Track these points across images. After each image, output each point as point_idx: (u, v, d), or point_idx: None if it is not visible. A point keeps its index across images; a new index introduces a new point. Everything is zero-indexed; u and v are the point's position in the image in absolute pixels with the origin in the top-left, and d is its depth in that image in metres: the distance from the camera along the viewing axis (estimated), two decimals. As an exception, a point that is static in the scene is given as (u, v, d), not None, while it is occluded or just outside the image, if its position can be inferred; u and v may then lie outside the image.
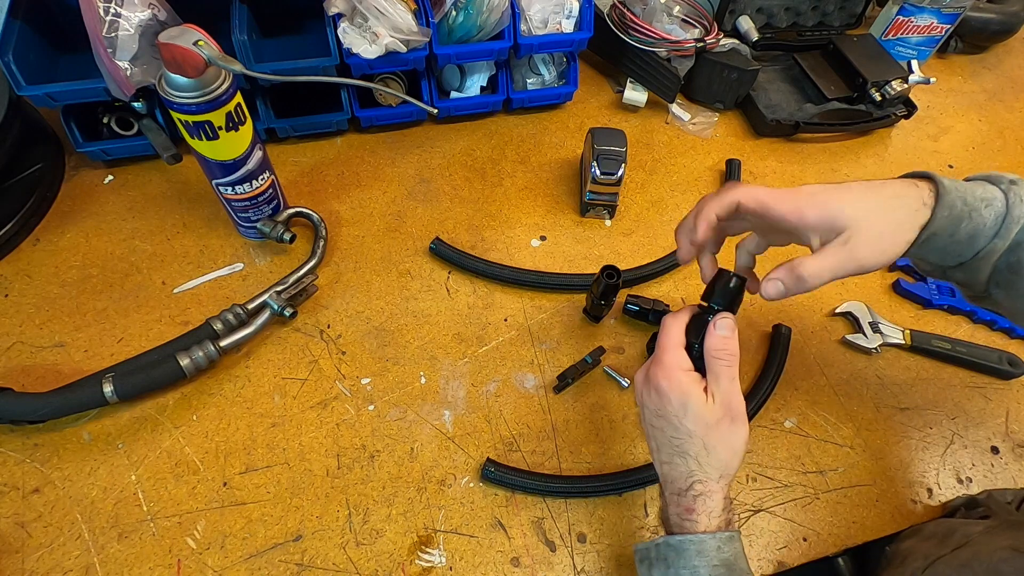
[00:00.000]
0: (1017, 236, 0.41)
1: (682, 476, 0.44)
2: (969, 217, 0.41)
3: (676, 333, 0.46)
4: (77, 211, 0.72)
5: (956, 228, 0.42)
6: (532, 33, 0.79)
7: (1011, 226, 0.41)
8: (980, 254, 0.42)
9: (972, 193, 0.42)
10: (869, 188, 0.42)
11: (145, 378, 0.57)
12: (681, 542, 0.42)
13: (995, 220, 0.41)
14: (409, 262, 0.71)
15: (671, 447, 0.44)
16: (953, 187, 0.42)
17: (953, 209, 0.41)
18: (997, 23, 1.05)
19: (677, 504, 0.44)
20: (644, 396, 0.46)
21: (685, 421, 0.43)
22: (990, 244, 0.42)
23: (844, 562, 0.62)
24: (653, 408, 0.45)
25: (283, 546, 0.52)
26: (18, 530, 0.51)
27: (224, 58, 0.51)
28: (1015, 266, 0.42)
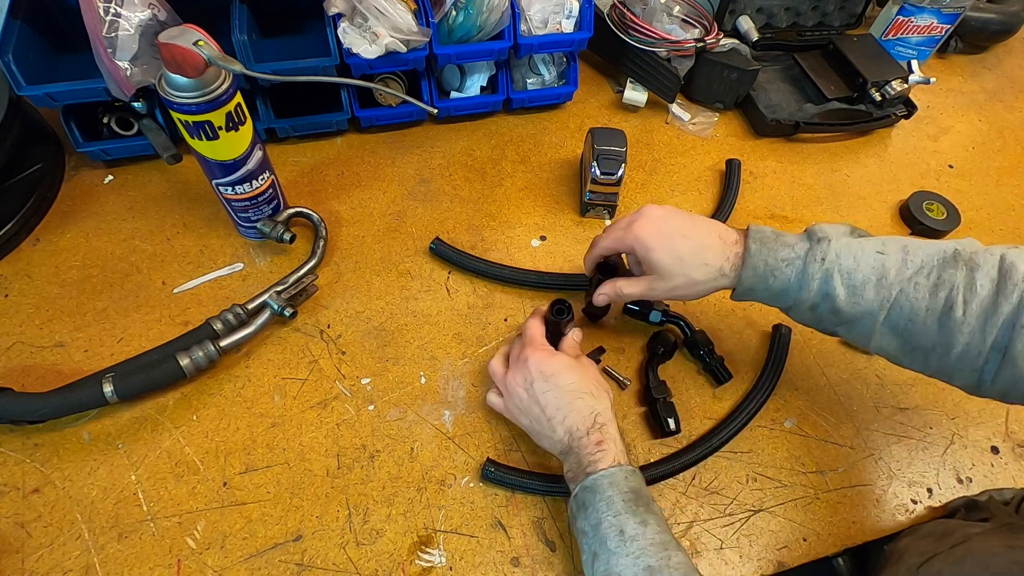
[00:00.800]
0: (820, 288, 0.48)
1: (587, 415, 0.51)
2: (772, 276, 0.50)
3: (537, 328, 0.57)
4: (77, 211, 0.72)
5: (766, 284, 0.50)
6: (532, 33, 0.79)
7: (809, 281, 0.49)
8: (794, 304, 0.50)
9: (775, 255, 0.50)
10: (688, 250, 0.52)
11: (145, 378, 0.57)
12: (594, 480, 0.47)
13: (796, 277, 0.49)
14: (409, 262, 0.71)
15: (568, 396, 0.51)
16: (759, 251, 0.50)
17: (756, 270, 0.50)
18: (997, 23, 1.05)
19: (587, 445, 0.49)
20: (526, 376, 0.52)
21: (570, 372, 0.52)
22: (798, 295, 0.50)
23: (844, 562, 0.62)
24: (538, 376, 0.52)
25: (283, 546, 0.52)
26: (18, 530, 0.51)
27: (224, 58, 0.51)
28: (833, 310, 0.49)
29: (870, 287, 0.47)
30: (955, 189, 0.86)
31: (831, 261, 0.48)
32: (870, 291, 0.47)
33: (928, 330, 0.46)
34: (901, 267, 0.47)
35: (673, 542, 0.45)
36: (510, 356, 0.57)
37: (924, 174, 0.89)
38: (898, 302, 0.47)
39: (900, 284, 0.47)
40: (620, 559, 0.44)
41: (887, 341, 0.49)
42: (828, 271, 0.48)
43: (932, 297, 0.46)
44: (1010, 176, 0.90)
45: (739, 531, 0.56)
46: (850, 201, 0.84)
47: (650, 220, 0.53)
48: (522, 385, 0.53)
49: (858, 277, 0.48)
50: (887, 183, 0.87)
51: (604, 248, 0.57)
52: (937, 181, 0.87)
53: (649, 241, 0.52)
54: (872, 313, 0.48)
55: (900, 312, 0.47)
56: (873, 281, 0.47)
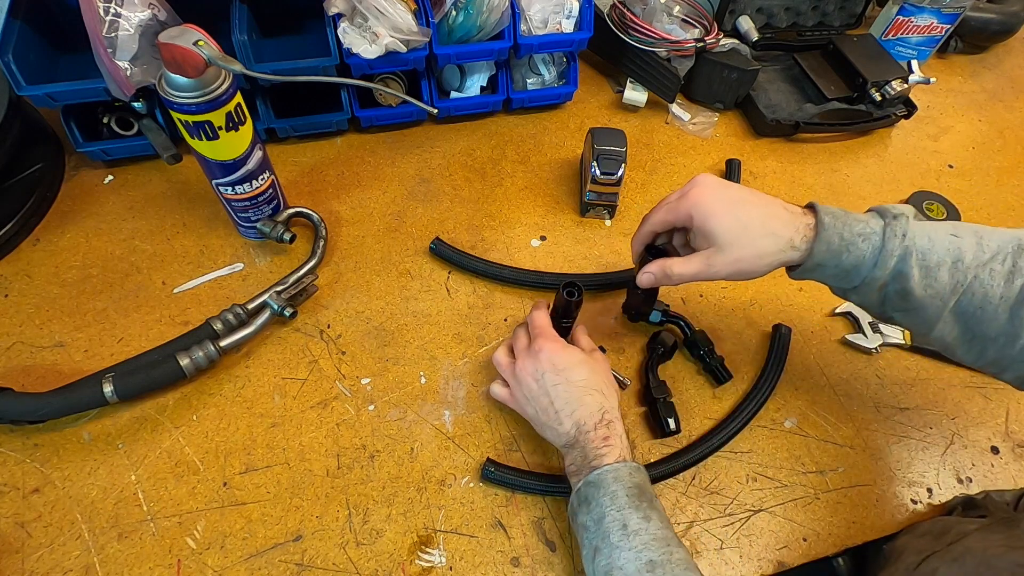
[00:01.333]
0: (896, 267, 0.46)
1: (595, 410, 0.50)
2: (847, 251, 0.46)
3: (546, 318, 0.57)
4: (77, 211, 0.72)
5: (838, 259, 0.47)
6: (532, 33, 0.79)
7: (887, 258, 0.46)
8: (864, 282, 0.47)
9: (851, 229, 0.46)
10: (750, 216, 0.48)
11: (145, 378, 0.57)
12: (598, 475, 0.47)
13: (872, 253, 0.46)
14: (409, 262, 0.71)
15: (579, 391, 0.51)
16: (832, 224, 0.47)
17: (831, 244, 0.46)
18: (997, 23, 1.05)
19: (594, 439, 0.49)
20: (538, 367, 0.52)
21: (583, 366, 0.52)
22: (871, 274, 0.46)
23: (844, 562, 0.62)
24: (550, 369, 0.52)
25: (283, 546, 0.52)
26: (18, 530, 0.51)
27: (224, 58, 0.51)
28: (902, 292, 0.46)
29: (944, 270, 0.45)
30: (955, 189, 0.86)
31: (909, 239, 0.45)
32: (944, 274, 0.45)
33: (997, 319, 0.44)
34: (977, 251, 0.45)
35: (675, 538, 0.45)
36: (515, 347, 0.57)
37: (924, 174, 0.89)
38: (971, 288, 0.45)
39: (975, 269, 0.45)
40: (623, 553, 0.44)
41: (949, 329, 0.47)
42: (907, 249, 0.45)
43: (1007, 284, 0.44)
44: (1010, 176, 0.90)
45: (739, 531, 0.56)
46: (850, 201, 0.84)
47: (708, 187, 0.49)
48: (532, 375, 0.53)
49: (933, 259, 0.45)
50: (887, 183, 0.87)
51: (656, 223, 0.52)
52: (937, 181, 0.87)
53: (709, 206, 0.48)
54: (943, 298, 0.45)
55: (972, 299, 0.45)
56: (948, 264, 0.45)
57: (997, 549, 0.44)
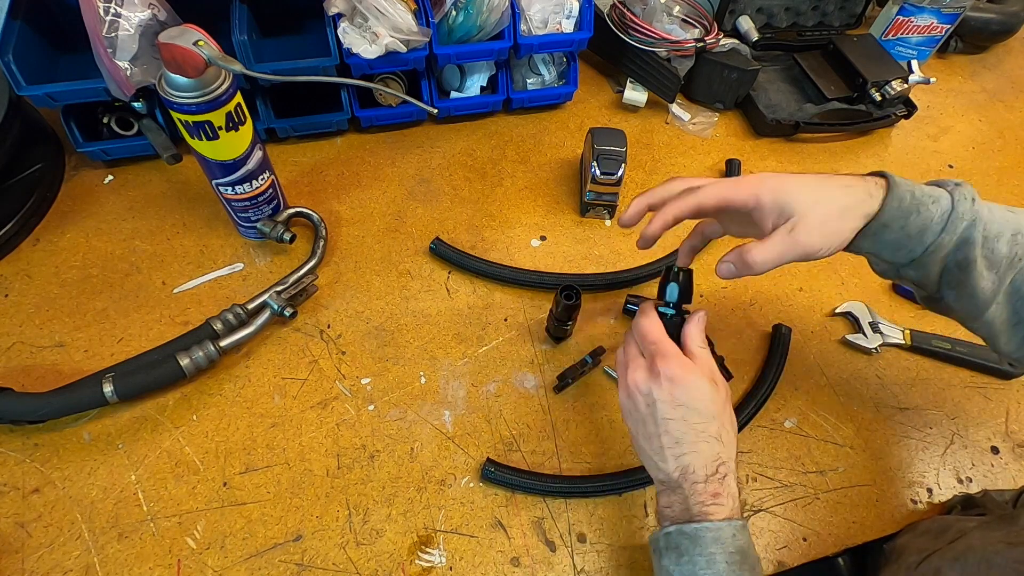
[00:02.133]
0: (964, 232, 0.43)
1: (710, 461, 0.44)
2: (917, 211, 0.43)
3: (659, 327, 0.48)
4: (77, 211, 0.72)
5: (906, 221, 0.43)
6: (532, 33, 0.79)
7: (956, 222, 0.43)
8: (930, 249, 0.44)
9: (921, 189, 0.44)
10: (821, 179, 0.45)
11: (145, 378, 0.57)
12: (697, 530, 0.42)
13: (942, 216, 0.43)
14: (409, 262, 0.71)
15: (695, 434, 0.44)
16: (903, 182, 0.44)
17: (903, 201, 0.43)
18: (997, 23, 1.05)
19: (701, 493, 0.43)
20: (653, 391, 0.45)
21: (708, 404, 0.45)
22: (938, 239, 0.43)
23: (844, 562, 0.62)
24: (667, 400, 0.45)
25: (283, 546, 0.52)
26: (18, 530, 0.51)
27: (224, 58, 0.51)
28: (964, 264, 0.44)
29: (1004, 241, 0.43)
30: (955, 189, 0.86)
31: (978, 205, 0.43)
32: (1003, 246, 0.43)
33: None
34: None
35: None
36: (628, 348, 0.49)
37: (924, 174, 0.88)
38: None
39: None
40: None
41: (1000, 311, 0.45)
42: (977, 213, 0.43)
43: None
44: (1010, 176, 0.90)
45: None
46: (850, 201, 0.84)
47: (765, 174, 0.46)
48: (643, 398, 0.46)
49: (993, 228, 0.43)
50: (887, 183, 0.86)
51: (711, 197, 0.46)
52: (937, 181, 0.87)
53: (777, 181, 0.44)
54: (1000, 272, 0.44)
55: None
56: (1007, 235, 0.43)
57: (997, 546, 0.44)
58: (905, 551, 0.52)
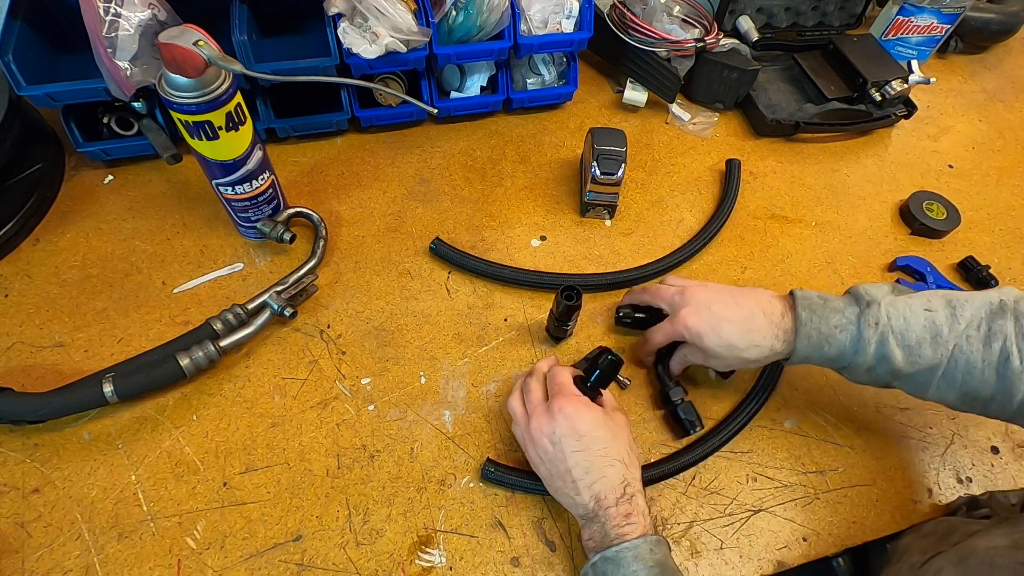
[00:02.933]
0: (878, 351, 0.50)
1: (617, 484, 0.48)
2: (827, 343, 0.51)
3: (567, 375, 0.54)
4: (77, 211, 0.72)
5: (820, 351, 0.52)
6: (532, 33, 0.79)
7: (865, 346, 0.50)
8: (849, 366, 0.51)
9: (827, 323, 0.51)
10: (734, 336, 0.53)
11: (145, 378, 0.57)
12: (617, 552, 0.45)
13: (851, 342, 0.50)
14: (409, 262, 0.71)
15: (601, 461, 0.48)
16: (809, 320, 0.51)
17: (810, 339, 0.51)
18: (997, 23, 1.05)
19: (615, 516, 0.46)
20: (556, 429, 0.49)
21: (604, 429, 0.49)
22: (854, 360, 0.51)
23: (844, 562, 0.62)
24: (569, 434, 0.49)
25: (283, 546, 0.52)
26: (18, 530, 0.51)
27: (224, 58, 0.51)
28: (891, 372, 0.50)
29: (926, 346, 0.49)
30: (955, 189, 0.86)
31: (884, 324, 0.49)
32: (927, 349, 0.49)
33: (986, 381, 0.47)
34: (952, 323, 0.49)
35: None
36: (527, 399, 0.53)
37: (924, 174, 0.89)
38: (954, 357, 0.48)
39: (954, 339, 0.48)
40: None
41: (945, 393, 0.50)
42: (883, 335, 0.49)
43: (986, 349, 0.47)
44: (1010, 176, 0.90)
45: (739, 531, 0.56)
46: (850, 201, 0.84)
47: (695, 308, 0.55)
48: (548, 437, 0.49)
49: (912, 337, 0.49)
50: (887, 183, 0.87)
51: (658, 343, 0.59)
52: (937, 181, 0.88)
53: (697, 330, 0.54)
54: (930, 369, 0.49)
55: (956, 366, 0.48)
56: (928, 340, 0.49)
57: (1001, 549, 0.44)
58: (909, 551, 0.52)
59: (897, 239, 0.80)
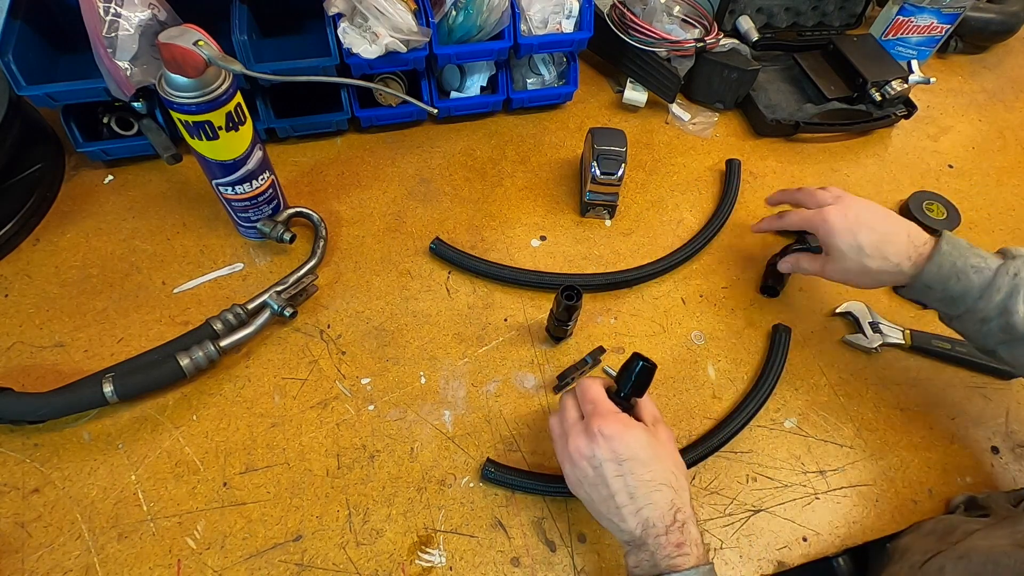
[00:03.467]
0: (1002, 302, 0.49)
1: (666, 510, 0.44)
2: (956, 278, 0.50)
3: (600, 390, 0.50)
4: (77, 211, 0.72)
5: (945, 285, 0.51)
6: (532, 33, 0.79)
7: (992, 293, 0.49)
8: (969, 311, 0.51)
9: (965, 260, 0.51)
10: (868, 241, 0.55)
11: (145, 378, 0.57)
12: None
13: (981, 285, 0.50)
14: (409, 262, 0.71)
15: (647, 486, 0.45)
16: (949, 251, 0.51)
17: (941, 268, 0.51)
18: (997, 23, 1.05)
19: (665, 545, 0.43)
20: (596, 452, 0.45)
21: (648, 450, 0.45)
22: (975, 304, 0.50)
23: (844, 562, 0.62)
24: (610, 458, 0.45)
25: (283, 546, 0.52)
26: (18, 530, 0.51)
27: (224, 58, 0.51)
28: (1007, 328, 0.49)
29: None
30: (955, 189, 0.86)
31: (1021, 278, 0.49)
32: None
33: None
34: None
35: None
36: (564, 419, 0.50)
37: (924, 174, 0.89)
38: None
39: None
40: None
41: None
42: (1016, 287, 0.49)
43: None
44: (1010, 176, 0.90)
45: (739, 531, 0.56)
46: (850, 201, 0.84)
47: (842, 209, 0.56)
48: (588, 460, 0.46)
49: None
50: (887, 183, 0.87)
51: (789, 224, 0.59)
52: (937, 181, 0.88)
53: (834, 225, 0.55)
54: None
55: None
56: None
57: (1004, 546, 0.45)
58: (909, 550, 0.52)
59: (897, 239, 0.80)
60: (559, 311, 0.60)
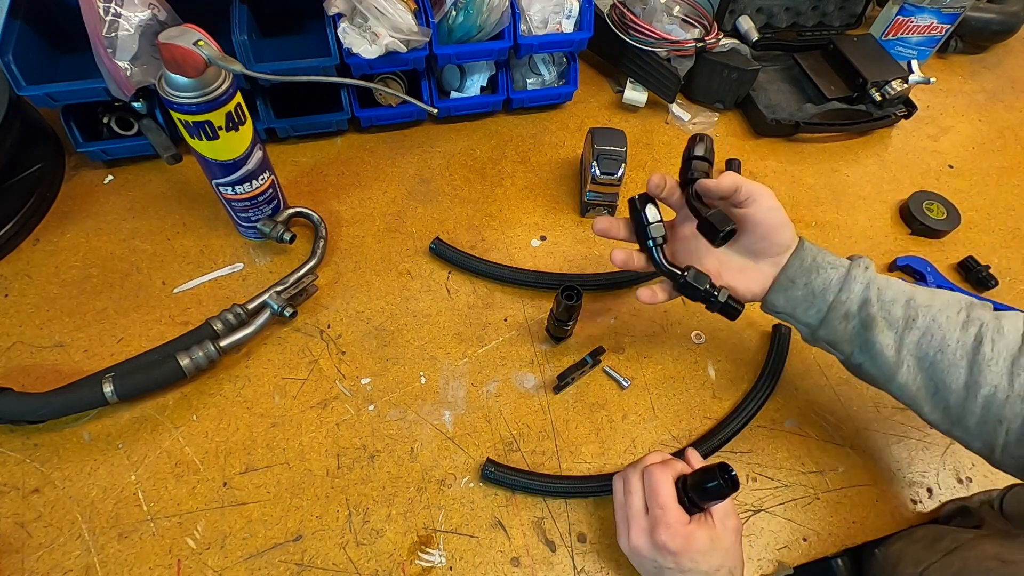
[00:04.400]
0: (862, 293, 0.49)
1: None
2: (817, 271, 0.50)
3: (671, 490, 0.47)
4: (77, 211, 0.72)
5: (808, 278, 0.51)
6: (532, 33, 0.79)
7: (852, 283, 0.49)
8: (833, 305, 0.50)
9: (824, 256, 0.51)
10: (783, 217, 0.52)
11: (145, 378, 0.57)
12: None
13: (839, 278, 0.50)
14: (409, 262, 0.71)
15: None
16: (811, 247, 0.51)
17: (804, 261, 0.51)
18: (997, 23, 1.05)
19: None
20: (658, 559, 0.46)
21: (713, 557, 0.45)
22: (838, 296, 0.50)
23: (843, 562, 0.62)
24: (673, 567, 0.45)
25: (283, 546, 0.52)
26: (18, 530, 0.51)
27: (224, 58, 0.51)
28: (867, 322, 0.49)
29: (898, 306, 0.49)
30: (955, 189, 0.86)
31: (872, 273, 0.50)
32: (898, 309, 0.49)
33: (957, 367, 0.46)
34: (929, 298, 0.49)
35: None
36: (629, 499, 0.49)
37: (924, 174, 0.89)
38: (929, 330, 0.48)
39: (930, 313, 0.48)
40: None
41: (912, 376, 0.48)
42: (871, 279, 0.50)
43: (963, 331, 0.47)
44: (1010, 176, 0.90)
45: (739, 531, 0.56)
46: (850, 201, 0.84)
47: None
48: (649, 561, 0.47)
49: (888, 294, 0.49)
50: (887, 183, 0.87)
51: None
52: (937, 181, 0.88)
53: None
54: (899, 332, 0.48)
55: (931, 341, 0.47)
56: (902, 301, 0.49)
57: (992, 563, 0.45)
58: (900, 560, 0.52)
59: (897, 239, 0.80)
60: (559, 311, 0.60)
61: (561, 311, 0.60)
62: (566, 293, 0.58)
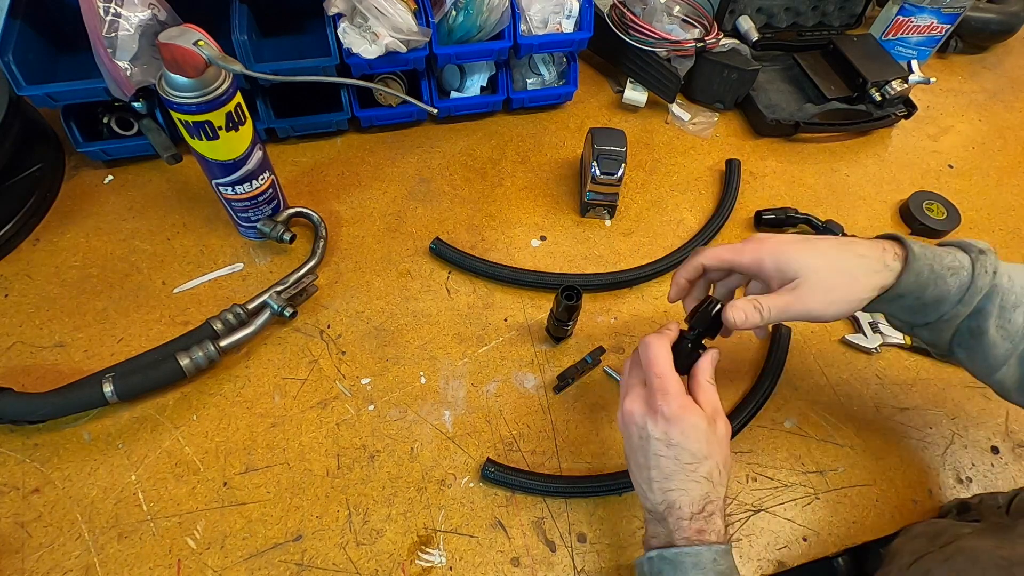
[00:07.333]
0: (979, 304, 0.44)
1: (697, 499, 0.44)
2: (935, 284, 0.44)
3: (667, 358, 0.46)
4: (77, 211, 0.72)
5: (923, 292, 0.44)
6: (532, 33, 0.79)
7: (974, 295, 0.44)
8: (944, 317, 0.45)
9: (940, 261, 0.44)
10: (833, 244, 0.45)
11: (145, 378, 0.57)
12: (677, 554, 0.42)
13: (959, 288, 0.44)
14: (409, 262, 0.71)
15: (684, 473, 0.44)
16: (922, 254, 0.44)
17: (920, 276, 0.44)
18: (997, 23, 1.05)
19: (686, 528, 0.43)
20: (648, 425, 0.44)
21: (703, 445, 0.44)
22: (954, 310, 0.44)
23: (843, 562, 0.62)
24: (661, 438, 0.44)
25: (283, 546, 0.52)
26: (18, 530, 0.51)
27: (224, 58, 0.51)
28: (976, 331, 0.45)
29: (1020, 311, 0.44)
30: (955, 189, 0.86)
31: (996, 278, 0.44)
32: (1019, 316, 0.44)
33: None
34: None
35: None
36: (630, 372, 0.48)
37: (924, 174, 0.89)
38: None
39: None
40: None
41: (1012, 373, 0.45)
42: (994, 287, 0.44)
43: None
44: (1010, 176, 0.90)
45: (739, 531, 0.56)
46: (850, 201, 0.84)
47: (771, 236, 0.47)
48: (637, 429, 0.45)
49: (1011, 299, 0.44)
50: (887, 183, 0.87)
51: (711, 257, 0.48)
52: (937, 181, 0.88)
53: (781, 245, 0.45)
54: (1013, 340, 0.44)
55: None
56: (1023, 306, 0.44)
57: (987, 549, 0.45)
58: (899, 554, 0.52)
59: (897, 239, 0.80)
60: (559, 311, 0.60)
61: (561, 311, 0.60)
62: (566, 293, 0.58)
